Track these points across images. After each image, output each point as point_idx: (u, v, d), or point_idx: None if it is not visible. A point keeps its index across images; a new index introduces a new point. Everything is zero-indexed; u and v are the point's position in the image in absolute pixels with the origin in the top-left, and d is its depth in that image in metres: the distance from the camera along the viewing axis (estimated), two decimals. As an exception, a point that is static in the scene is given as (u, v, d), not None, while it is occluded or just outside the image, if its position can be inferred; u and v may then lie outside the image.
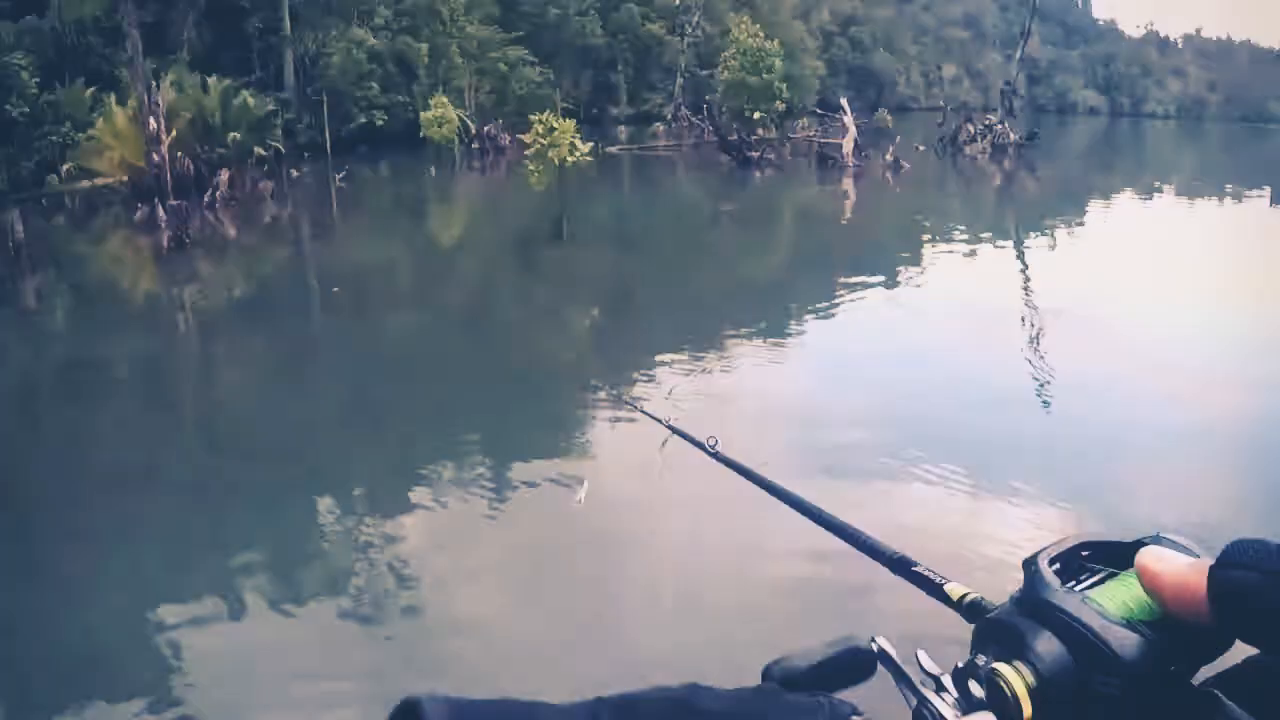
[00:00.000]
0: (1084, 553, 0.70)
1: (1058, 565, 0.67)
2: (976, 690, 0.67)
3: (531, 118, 26.12)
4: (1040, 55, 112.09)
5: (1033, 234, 32.12)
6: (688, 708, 0.55)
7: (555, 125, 25.12)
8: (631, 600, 8.07)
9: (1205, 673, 0.63)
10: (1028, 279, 24.20)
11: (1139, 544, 0.67)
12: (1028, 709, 0.62)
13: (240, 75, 42.96)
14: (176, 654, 7.44)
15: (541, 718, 0.55)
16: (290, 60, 45.98)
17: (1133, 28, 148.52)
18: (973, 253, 26.88)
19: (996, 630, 0.66)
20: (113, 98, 31.18)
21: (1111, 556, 0.69)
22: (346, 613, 7.97)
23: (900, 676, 0.75)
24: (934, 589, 0.86)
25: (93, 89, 34.09)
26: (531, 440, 11.97)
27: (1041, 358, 16.39)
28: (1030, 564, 0.68)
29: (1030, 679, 0.62)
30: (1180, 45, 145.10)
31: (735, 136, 46.58)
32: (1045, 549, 0.69)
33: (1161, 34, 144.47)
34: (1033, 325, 18.91)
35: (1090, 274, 24.04)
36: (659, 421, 2.27)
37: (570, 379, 14.90)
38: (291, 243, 28.44)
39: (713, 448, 1.59)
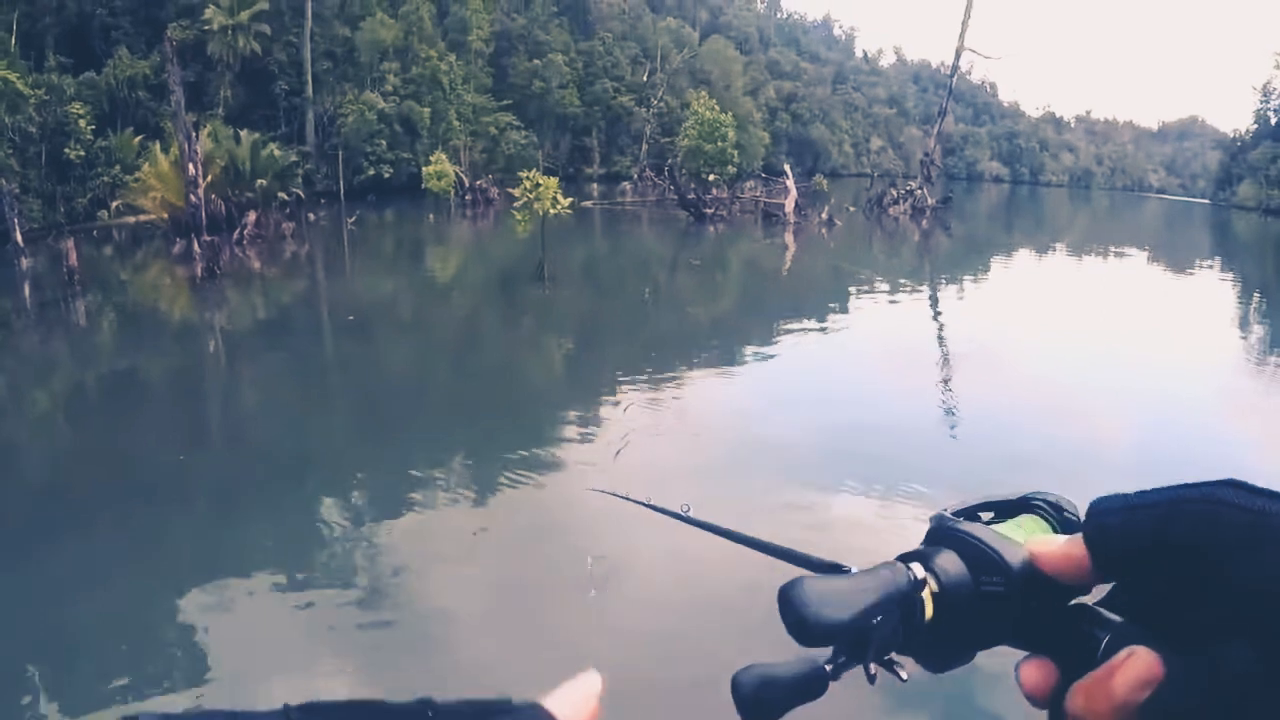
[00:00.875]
0: (983, 511, 0.74)
1: (961, 516, 0.71)
2: None
3: (521, 174, 25.90)
4: (954, 131, 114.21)
5: (947, 283, 32.72)
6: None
7: (540, 181, 24.91)
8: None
9: None
10: (941, 322, 24.80)
11: (1025, 499, 0.73)
12: (929, 610, 0.64)
13: (268, 130, 43.50)
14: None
15: None
16: (311, 118, 46.21)
17: (1033, 108, 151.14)
18: (895, 299, 27.15)
19: (910, 558, 0.68)
20: (157, 145, 31.49)
21: (1006, 510, 0.74)
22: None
23: None
24: None
25: (140, 137, 34.51)
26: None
27: (948, 389, 16.88)
28: (936, 517, 0.71)
29: (934, 586, 0.64)
30: (1073, 124, 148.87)
31: (693, 195, 46.96)
32: (948, 506, 0.74)
33: (1057, 114, 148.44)
34: (943, 362, 19.33)
35: (993, 319, 24.66)
36: (637, 502, 1.85)
37: (544, 404, 15.22)
38: (309, 276, 28.49)
39: (685, 513, 1.45)
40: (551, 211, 24.77)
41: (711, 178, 49.69)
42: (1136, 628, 0.59)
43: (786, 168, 51.27)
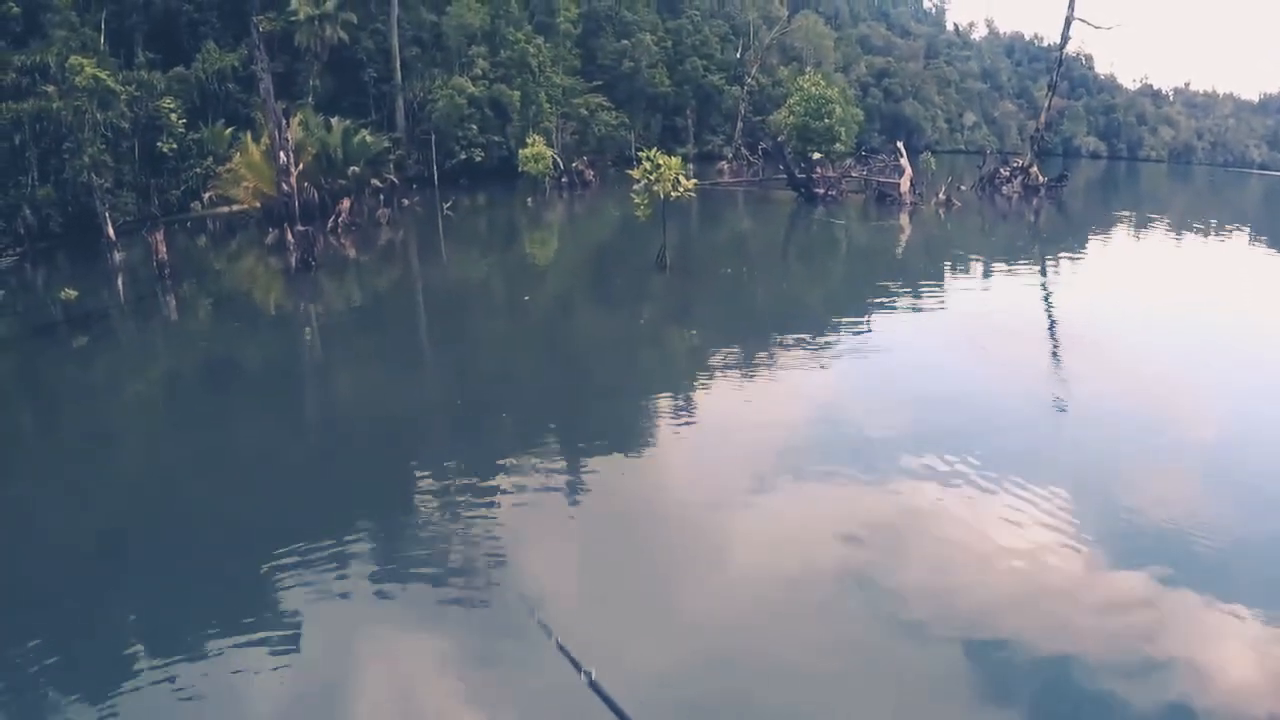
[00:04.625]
0: None
1: None
2: None
3: (641, 154, 23.71)
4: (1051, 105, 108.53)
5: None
6: None
7: (661, 162, 22.66)
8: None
9: None
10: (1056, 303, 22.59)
11: None
12: None
13: (358, 117, 41.74)
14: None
15: None
16: (401, 105, 44.47)
17: (1129, 81, 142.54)
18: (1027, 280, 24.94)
19: None
20: (248, 135, 30.31)
21: None
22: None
23: None
24: None
25: (231, 128, 33.73)
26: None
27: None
28: None
29: None
30: (1171, 97, 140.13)
31: (802, 174, 44.06)
32: None
33: (1155, 87, 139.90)
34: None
35: (1132, 299, 23.69)
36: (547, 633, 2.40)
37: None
38: (403, 263, 27.26)
39: (590, 678, 1.61)
40: (673, 194, 22.58)
41: (816, 156, 45.77)
42: None
43: (900, 145, 48.00)
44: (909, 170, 43.72)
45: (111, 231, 20.58)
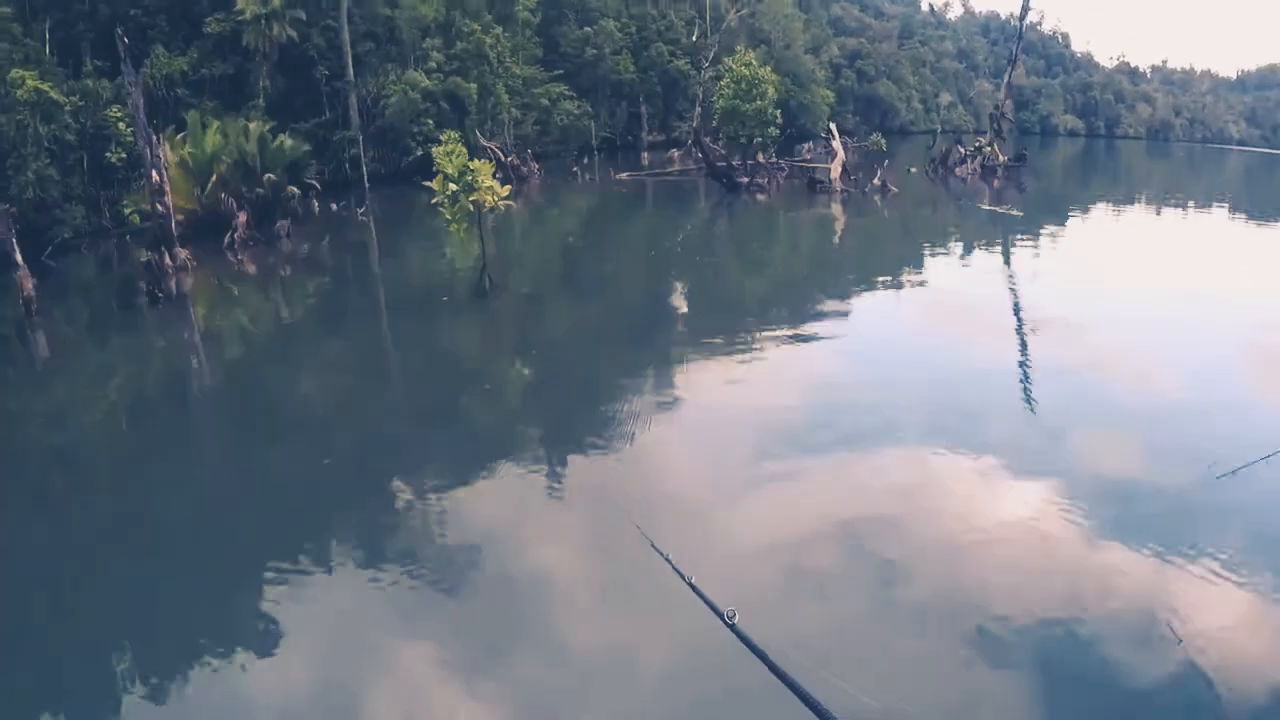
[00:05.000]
0: None
1: None
2: None
3: (437, 153, 20.55)
4: (1025, 83, 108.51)
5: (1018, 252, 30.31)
6: None
7: (472, 168, 19.65)
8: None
9: None
10: (1015, 299, 22.89)
11: None
12: None
13: (313, 117, 42.59)
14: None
15: None
16: (354, 102, 44.92)
17: (1106, 59, 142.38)
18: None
19: None
20: (167, 146, 29.28)
21: None
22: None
23: None
24: None
25: (181, 134, 32.89)
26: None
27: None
28: None
29: None
30: (1149, 74, 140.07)
31: (723, 163, 44.08)
32: None
33: (1132, 64, 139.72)
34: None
35: (1075, 290, 23.58)
36: (681, 575, 2.19)
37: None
38: (262, 293, 25.34)
39: (731, 619, 1.41)
40: (488, 204, 20.10)
41: (756, 141, 45.71)
42: None
43: (832, 127, 47.80)
44: (840, 154, 43.43)
45: (20, 258, 20.48)
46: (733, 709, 7.15)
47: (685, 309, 22.55)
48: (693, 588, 1.52)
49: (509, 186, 22.07)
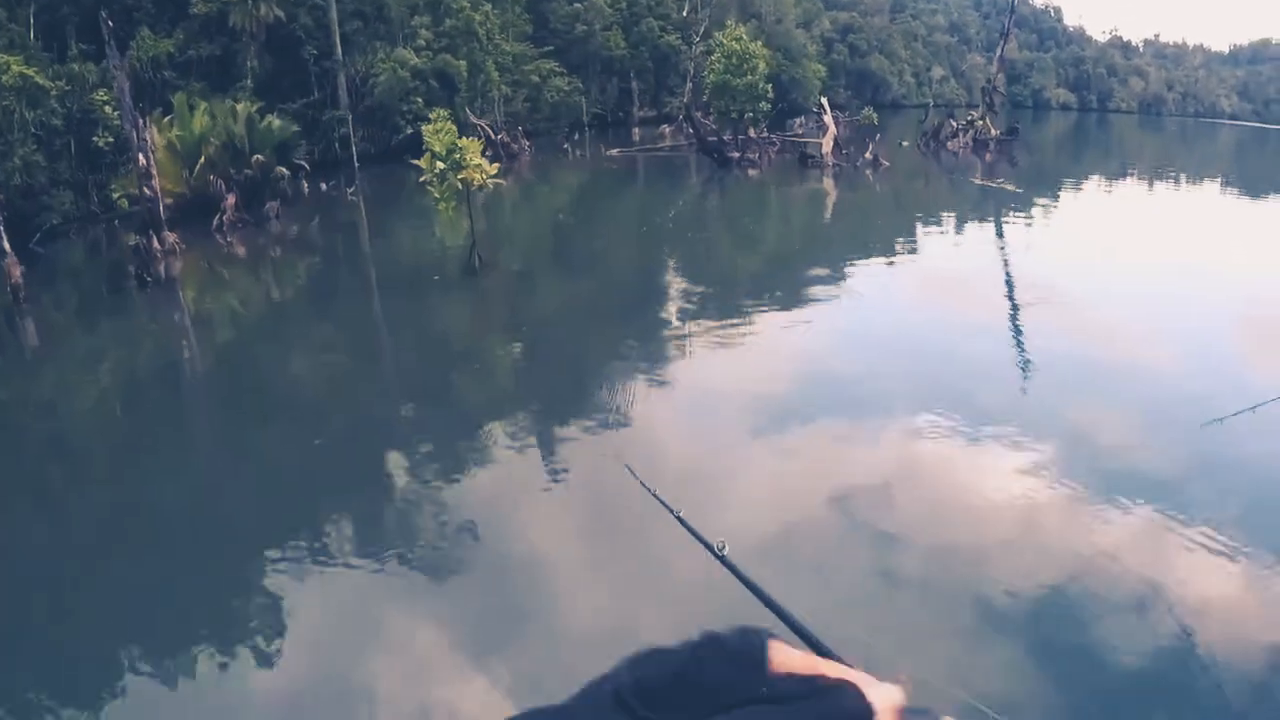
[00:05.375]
0: None
1: None
2: None
3: (427, 131, 20.28)
4: (1018, 57, 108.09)
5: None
6: (691, 681, 0.53)
7: (460, 145, 19.43)
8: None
9: None
10: (1008, 277, 22.90)
11: None
12: None
13: (301, 97, 42.30)
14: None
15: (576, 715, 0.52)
16: (343, 81, 44.62)
17: (1099, 33, 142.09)
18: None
19: None
20: (154, 129, 29.37)
21: None
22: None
23: None
24: None
25: (169, 117, 32.83)
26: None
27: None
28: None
29: None
30: (1141, 48, 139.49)
31: (714, 137, 44.00)
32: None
33: (1124, 38, 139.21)
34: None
35: (1068, 263, 23.60)
36: (669, 509, 1.98)
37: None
38: (254, 276, 25.37)
39: (720, 550, 1.40)
40: (476, 182, 19.85)
41: (748, 116, 45.35)
42: None
43: (824, 102, 47.52)
44: (832, 129, 43.26)
45: (7, 245, 20.38)
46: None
47: (676, 285, 22.57)
48: (681, 521, 1.55)
49: (497, 164, 21.90)
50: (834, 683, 0.58)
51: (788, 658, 0.59)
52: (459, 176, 19.60)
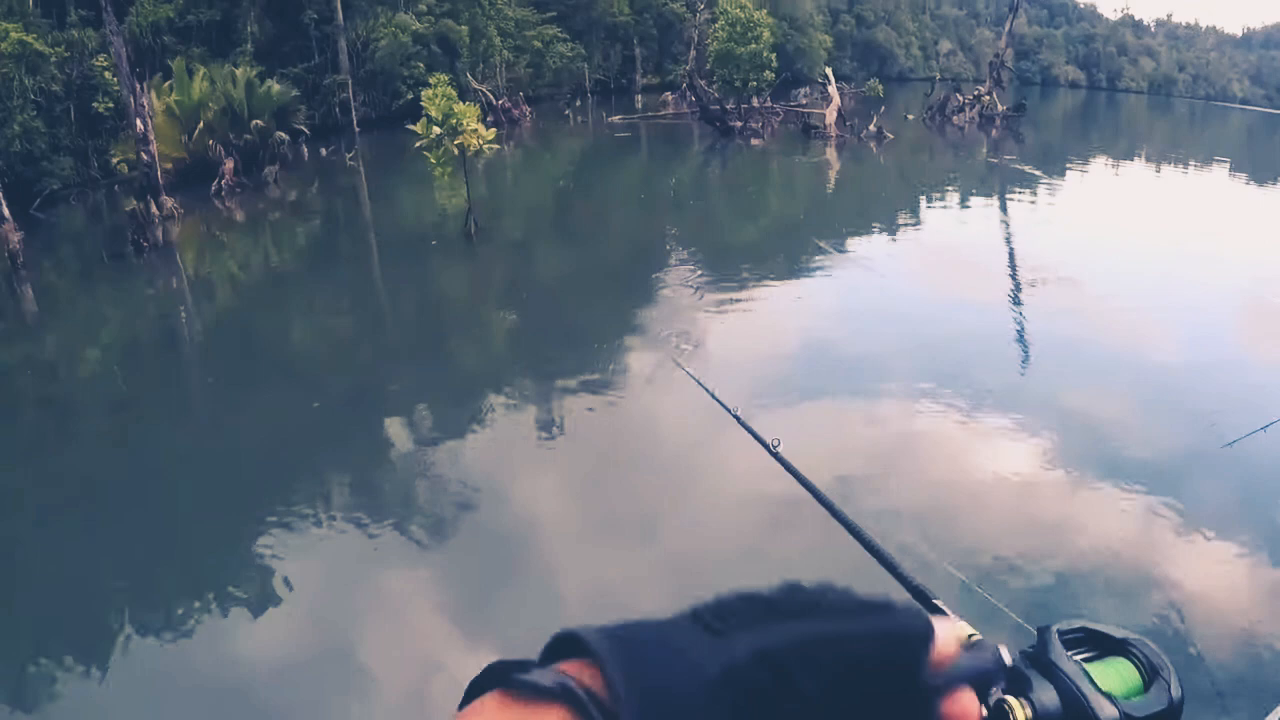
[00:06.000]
0: (1079, 635, 0.75)
1: (1063, 637, 0.74)
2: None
3: (426, 95, 19.87)
4: (1027, 33, 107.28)
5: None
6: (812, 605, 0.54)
7: (457, 110, 19.16)
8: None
9: None
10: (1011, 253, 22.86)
11: (1124, 642, 0.73)
12: None
13: (302, 62, 42.05)
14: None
15: (679, 635, 0.53)
16: (344, 46, 44.32)
17: (1110, 11, 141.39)
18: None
19: (1012, 672, 0.70)
20: (153, 94, 29.08)
21: (1105, 643, 0.74)
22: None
23: None
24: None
25: (169, 83, 32.47)
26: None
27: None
28: (1044, 631, 0.74)
29: (1029, 714, 0.67)
30: (1153, 28, 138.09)
31: (716, 106, 43.74)
32: (1057, 623, 0.75)
33: (1136, 17, 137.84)
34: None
35: (1072, 242, 23.43)
36: (725, 408, 1.99)
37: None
38: (252, 239, 25.33)
39: (775, 447, 1.45)
40: (473, 148, 19.55)
41: (751, 85, 44.67)
42: None
43: (829, 73, 47.11)
44: (836, 100, 42.88)
45: (6, 211, 20.46)
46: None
47: (676, 253, 22.54)
48: (738, 419, 1.62)
49: (494, 130, 21.74)
50: (889, 601, 0.57)
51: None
52: (455, 142, 19.43)
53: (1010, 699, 0.68)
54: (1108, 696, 0.67)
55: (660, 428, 11.37)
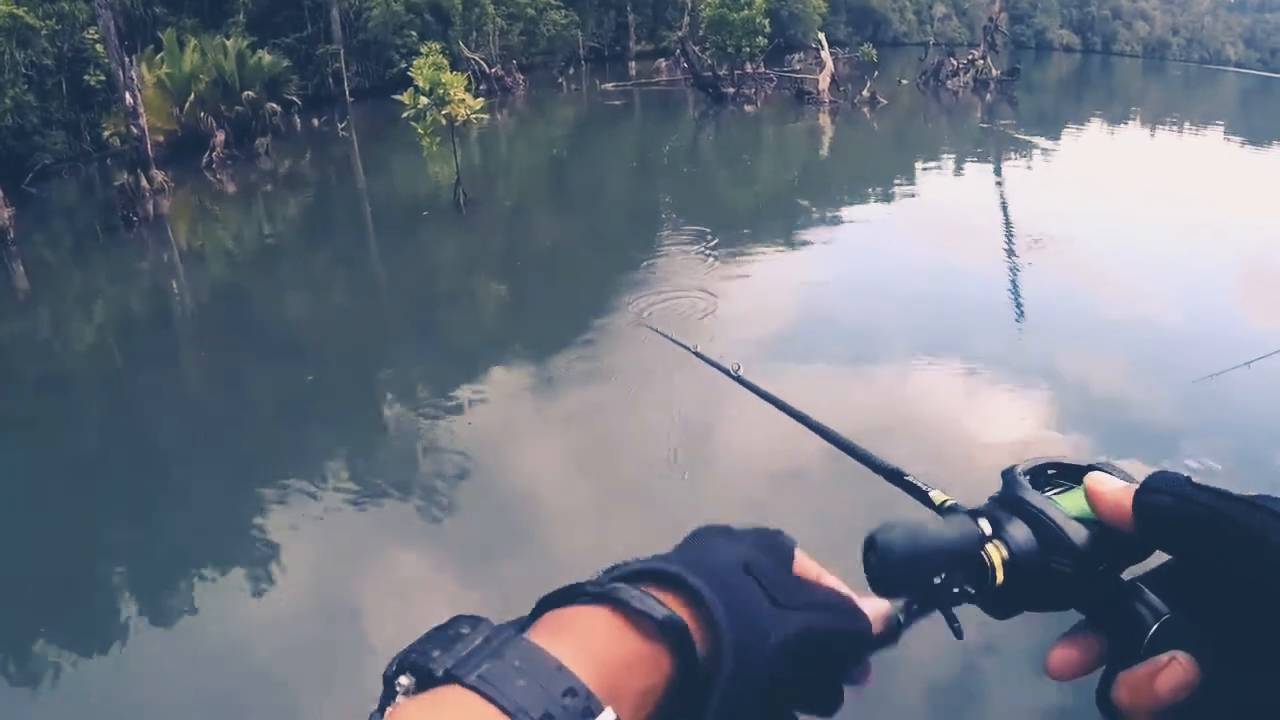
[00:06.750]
0: (1050, 470, 0.74)
1: (1029, 476, 0.72)
2: None
3: (414, 68, 19.77)
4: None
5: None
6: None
7: (444, 80, 18.89)
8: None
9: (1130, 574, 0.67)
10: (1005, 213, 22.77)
11: (1092, 466, 0.70)
12: (1000, 576, 0.67)
13: (294, 32, 41.59)
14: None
15: (753, 598, 0.58)
16: (336, 15, 43.85)
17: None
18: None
19: (980, 514, 0.71)
20: (143, 65, 29.36)
21: (1070, 474, 0.72)
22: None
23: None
24: (921, 495, 0.84)
25: (160, 55, 32.28)
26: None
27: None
28: (1008, 472, 0.73)
29: (1005, 554, 0.67)
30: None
31: (710, 74, 43.37)
32: (1020, 463, 0.74)
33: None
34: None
35: (1068, 207, 23.05)
36: (685, 347, 2.13)
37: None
38: (243, 211, 25.17)
39: (735, 372, 1.56)
40: (460, 118, 19.40)
41: (745, 51, 43.94)
42: (1183, 622, 0.62)
43: (821, 38, 46.54)
44: (829, 65, 42.38)
45: None
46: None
47: (670, 221, 22.38)
48: (697, 354, 1.65)
49: (482, 99, 21.61)
50: (839, 598, 0.63)
51: (806, 565, 0.64)
52: (443, 112, 19.21)
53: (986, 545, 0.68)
54: (1080, 520, 0.66)
55: (641, 382, 11.42)
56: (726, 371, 1.54)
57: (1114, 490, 0.65)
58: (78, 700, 6.95)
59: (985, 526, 0.68)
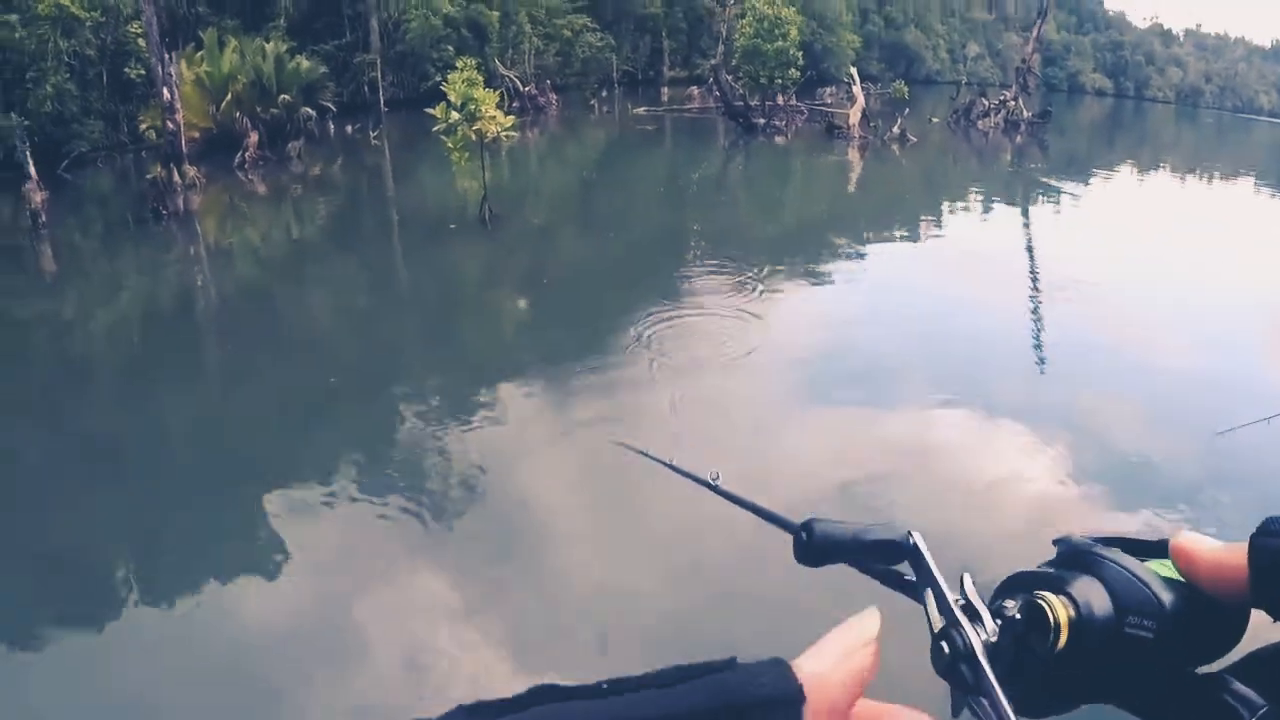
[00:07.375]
0: (1108, 542, 0.62)
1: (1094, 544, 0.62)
2: (1013, 611, 0.57)
3: (447, 81, 19.83)
4: (1055, 39, 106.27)
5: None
6: None
7: (476, 96, 18.94)
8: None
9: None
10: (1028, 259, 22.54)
11: (1166, 543, 0.60)
12: (1064, 637, 0.55)
13: (333, 39, 42.11)
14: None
15: None
16: (375, 26, 44.29)
17: (1139, 19, 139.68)
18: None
19: (1031, 578, 0.59)
20: (183, 64, 29.55)
21: (1137, 549, 0.61)
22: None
23: (930, 582, 0.60)
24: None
25: (200, 53, 32.73)
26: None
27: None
28: (1063, 541, 0.62)
29: (1072, 613, 0.55)
30: (1181, 38, 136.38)
31: (741, 103, 43.43)
32: (1074, 533, 0.64)
33: (1165, 26, 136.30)
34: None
35: (1095, 252, 22.76)
36: (661, 462, 1.88)
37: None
38: (274, 210, 25.60)
39: (714, 481, 1.40)
40: (490, 134, 19.36)
41: (777, 82, 44.04)
42: None
43: (853, 72, 46.56)
44: (860, 100, 42.35)
45: (34, 171, 20.71)
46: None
47: (695, 248, 22.31)
48: (673, 468, 1.53)
49: (513, 117, 21.63)
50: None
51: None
52: (473, 128, 19.21)
53: (1048, 595, 0.55)
54: (1163, 580, 0.54)
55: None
56: (705, 483, 1.43)
57: (1213, 547, 0.55)
58: (84, 674, 6.90)
59: (1052, 600, 0.56)
